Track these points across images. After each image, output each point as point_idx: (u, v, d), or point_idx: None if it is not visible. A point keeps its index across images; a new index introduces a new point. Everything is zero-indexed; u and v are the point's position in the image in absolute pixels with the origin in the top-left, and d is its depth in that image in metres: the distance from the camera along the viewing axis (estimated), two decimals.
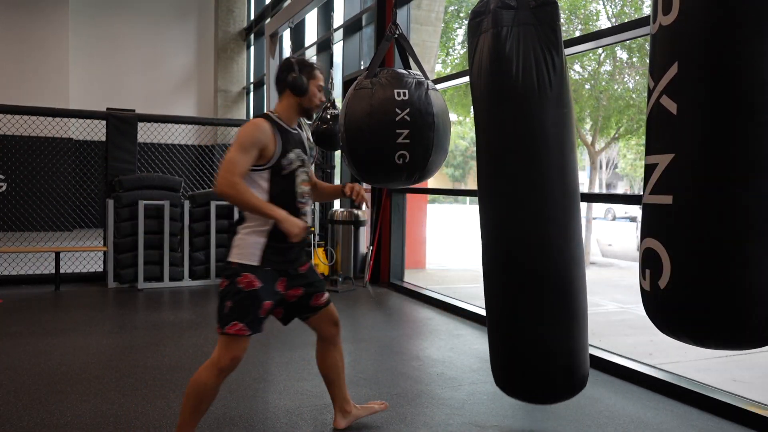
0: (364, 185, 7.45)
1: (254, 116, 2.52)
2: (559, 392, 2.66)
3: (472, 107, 2.75)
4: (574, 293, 2.55)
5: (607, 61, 11.67)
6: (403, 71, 3.14)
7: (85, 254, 7.02)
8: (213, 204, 6.62)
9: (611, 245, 13.62)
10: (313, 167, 2.66)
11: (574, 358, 2.59)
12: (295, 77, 2.52)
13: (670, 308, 1.67)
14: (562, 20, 2.51)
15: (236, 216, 2.62)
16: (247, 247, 2.41)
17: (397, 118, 2.94)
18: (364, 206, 2.71)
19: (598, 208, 22.01)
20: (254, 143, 2.37)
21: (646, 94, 1.83)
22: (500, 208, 2.59)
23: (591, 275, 10.40)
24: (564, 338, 2.55)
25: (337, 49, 8.25)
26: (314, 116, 2.62)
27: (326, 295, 2.69)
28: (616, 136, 12.60)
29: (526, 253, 2.53)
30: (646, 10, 10.62)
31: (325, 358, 2.74)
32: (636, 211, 16.44)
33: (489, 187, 2.63)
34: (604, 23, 11.26)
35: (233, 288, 2.37)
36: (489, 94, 2.53)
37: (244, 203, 2.33)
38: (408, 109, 2.99)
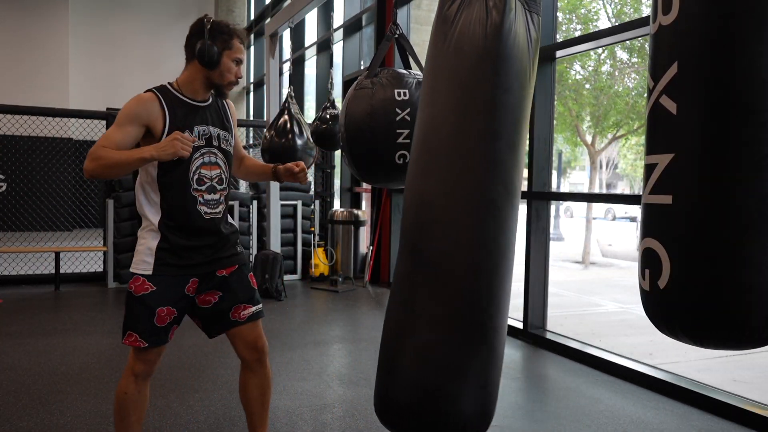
0: (364, 185, 7.45)
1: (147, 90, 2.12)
2: None
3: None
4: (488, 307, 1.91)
5: (607, 61, 11.67)
6: (404, 71, 3.14)
7: (85, 254, 7.02)
8: None
9: (611, 245, 13.62)
10: (228, 143, 2.24)
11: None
12: (204, 45, 2.06)
13: (670, 308, 1.67)
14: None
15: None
16: (140, 253, 2.14)
17: (398, 118, 2.94)
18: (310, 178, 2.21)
19: (598, 208, 22.01)
20: (132, 118, 2.01)
21: (645, 94, 1.84)
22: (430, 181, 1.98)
23: (591, 275, 10.40)
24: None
25: (337, 49, 8.25)
26: (226, 94, 2.23)
27: (252, 309, 2.24)
28: (616, 135, 12.60)
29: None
30: (646, 11, 10.63)
31: (242, 382, 2.35)
32: (636, 211, 16.45)
33: (419, 161, 2.04)
34: (603, 23, 11.26)
35: (128, 293, 2.15)
36: (429, 59, 2.09)
37: (109, 166, 1.95)
38: (408, 109, 2.99)
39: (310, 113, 10.40)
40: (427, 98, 2.06)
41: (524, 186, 3.54)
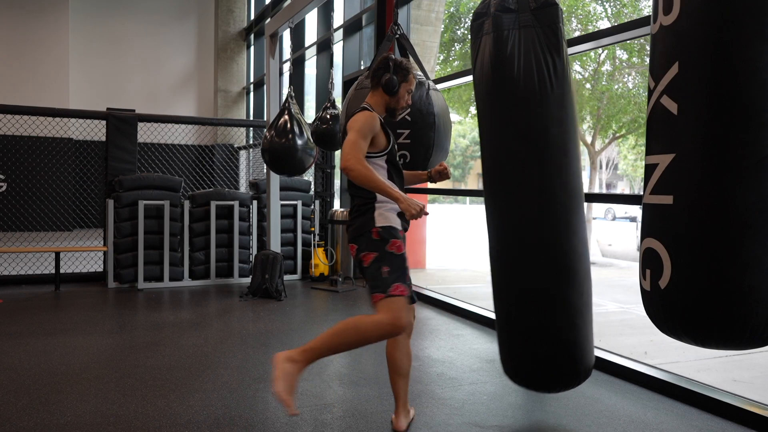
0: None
1: (360, 108, 2.64)
2: (564, 380, 2.75)
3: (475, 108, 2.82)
4: (578, 287, 2.65)
5: (607, 61, 11.67)
6: None
7: (85, 254, 7.02)
8: (213, 204, 6.63)
9: (611, 245, 13.62)
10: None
11: (578, 348, 2.69)
12: (389, 78, 2.62)
13: (671, 308, 1.68)
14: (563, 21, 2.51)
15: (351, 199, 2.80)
16: (389, 216, 2.55)
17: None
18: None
19: (598, 208, 22.01)
20: (370, 130, 2.50)
21: (646, 94, 1.83)
22: (505, 208, 2.66)
23: (591, 275, 10.40)
24: (570, 329, 2.66)
25: (337, 49, 8.26)
26: (396, 117, 2.77)
27: None
28: (616, 136, 12.60)
29: (531, 251, 2.61)
30: (645, 12, 10.62)
31: (399, 344, 2.75)
32: (636, 211, 16.45)
33: (494, 189, 2.69)
34: (603, 24, 11.25)
35: (385, 254, 2.49)
36: (490, 96, 2.58)
37: (371, 180, 2.41)
38: (408, 109, 2.99)
39: (310, 113, 10.40)
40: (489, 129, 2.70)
41: None
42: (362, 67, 7.90)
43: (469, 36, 2.69)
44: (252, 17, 13.57)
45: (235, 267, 6.75)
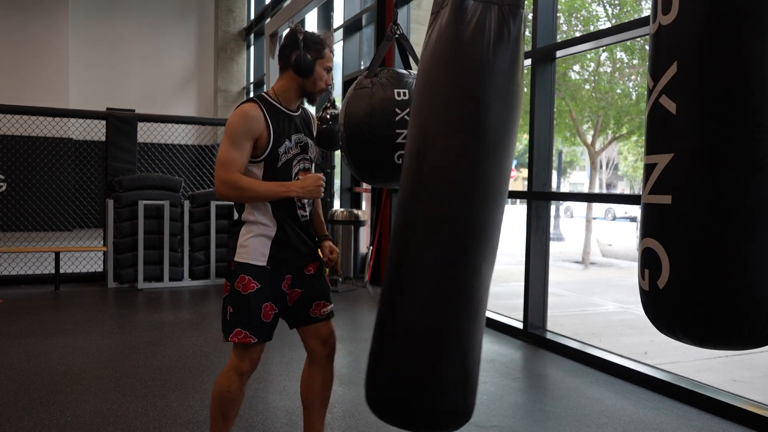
0: (364, 185, 7.45)
1: (244, 100, 2.23)
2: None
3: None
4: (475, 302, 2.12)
5: (607, 62, 11.67)
6: (404, 71, 3.14)
7: (85, 254, 7.02)
8: (213, 204, 6.62)
9: (611, 245, 13.62)
10: (314, 152, 2.36)
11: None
12: (299, 55, 2.19)
13: (670, 308, 1.67)
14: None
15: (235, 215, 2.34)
16: (247, 246, 2.18)
17: (397, 118, 2.94)
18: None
19: (598, 208, 22.01)
20: (245, 135, 2.11)
21: (645, 95, 1.83)
22: (412, 185, 2.09)
23: (591, 275, 10.41)
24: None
25: (337, 49, 8.26)
26: (317, 100, 2.34)
27: (330, 306, 2.35)
28: (616, 136, 12.60)
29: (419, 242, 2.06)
30: (644, 12, 10.62)
31: (306, 377, 2.39)
32: (636, 211, 16.45)
33: (412, 164, 2.11)
34: (603, 25, 11.26)
35: (232, 291, 2.18)
36: (433, 64, 2.12)
37: (248, 198, 2.12)
38: (408, 109, 2.99)
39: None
40: (422, 103, 2.12)
41: (524, 186, 3.58)
42: (362, 67, 7.90)
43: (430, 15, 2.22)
44: (252, 17, 13.57)
45: None
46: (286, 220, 2.21)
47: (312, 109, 2.51)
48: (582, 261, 11.69)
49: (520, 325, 4.61)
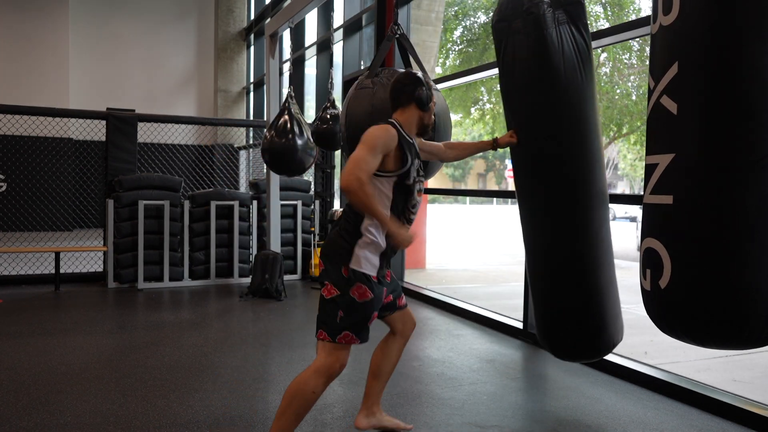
0: None
1: (380, 122, 2.49)
2: (590, 350, 2.86)
3: (503, 109, 2.85)
4: (604, 269, 2.75)
5: (607, 62, 11.67)
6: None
7: (85, 254, 7.02)
8: (213, 204, 6.63)
9: None
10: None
11: (603, 322, 2.77)
12: (423, 91, 2.52)
13: (671, 308, 1.68)
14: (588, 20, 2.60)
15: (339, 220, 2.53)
16: (366, 258, 2.38)
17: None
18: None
19: None
20: (383, 147, 2.34)
21: (645, 95, 1.84)
22: (543, 200, 2.74)
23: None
24: (598, 306, 2.75)
25: (337, 49, 8.25)
26: (429, 133, 2.65)
27: (405, 298, 2.79)
28: (615, 136, 12.61)
29: (566, 237, 2.72)
30: (644, 13, 10.61)
31: (390, 352, 2.74)
32: (636, 211, 16.45)
33: (533, 178, 2.77)
34: (602, 25, 11.25)
35: (346, 297, 2.36)
36: (529, 88, 2.61)
37: (366, 205, 2.27)
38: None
39: (310, 113, 10.40)
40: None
41: None
42: (362, 67, 7.90)
43: (493, 37, 2.70)
44: (252, 17, 13.57)
45: (235, 267, 6.75)
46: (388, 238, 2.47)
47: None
48: None
49: (520, 325, 4.60)
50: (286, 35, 6.22)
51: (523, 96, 2.66)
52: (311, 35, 9.94)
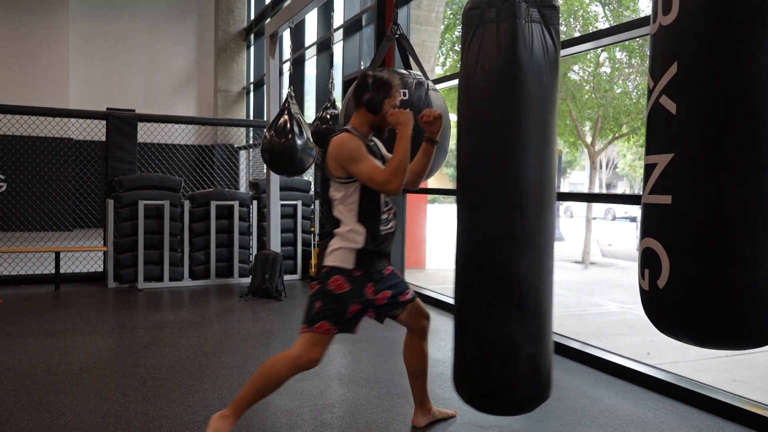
0: None
1: (337, 133, 2.56)
2: (521, 396, 2.40)
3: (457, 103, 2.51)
4: (541, 293, 2.35)
5: (606, 62, 11.67)
6: (404, 71, 3.14)
7: (85, 254, 7.02)
8: (213, 204, 6.63)
9: (611, 245, 13.62)
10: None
11: (536, 359, 2.37)
12: (370, 97, 2.52)
13: (669, 308, 1.68)
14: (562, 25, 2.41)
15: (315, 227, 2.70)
16: (343, 254, 2.49)
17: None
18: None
19: (598, 208, 22.00)
20: (363, 148, 2.46)
21: (644, 95, 1.83)
22: (481, 207, 2.35)
23: (591, 275, 10.41)
24: (529, 340, 2.34)
25: (337, 49, 8.25)
26: (386, 134, 2.63)
27: (411, 291, 2.75)
28: (616, 136, 12.60)
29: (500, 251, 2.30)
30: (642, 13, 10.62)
31: (414, 350, 2.78)
32: (636, 211, 16.45)
33: (474, 183, 2.38)
34: (602, 25, 11.26)
35: (324, 289, 2.48)
36: (495, 87, 2.31)
37: (405, 169, 2.41)
38: (408, 109, 2.98)
39: (310, 113, 10.40)
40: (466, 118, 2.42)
41: None
42: (362, 67, 7.90)
43: (462, 25, 2.42)
44: (252, 17, 13.57)
45: (235, 267, 6.75)
46: (372, 237, 2.52)
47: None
48: (582, 261, 11.69)
49: None
50: (286, 35, 6.22)
51: (484, 88, 2.35)
52: (311, 35, 9.94)
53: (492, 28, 2.29)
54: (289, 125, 5.33)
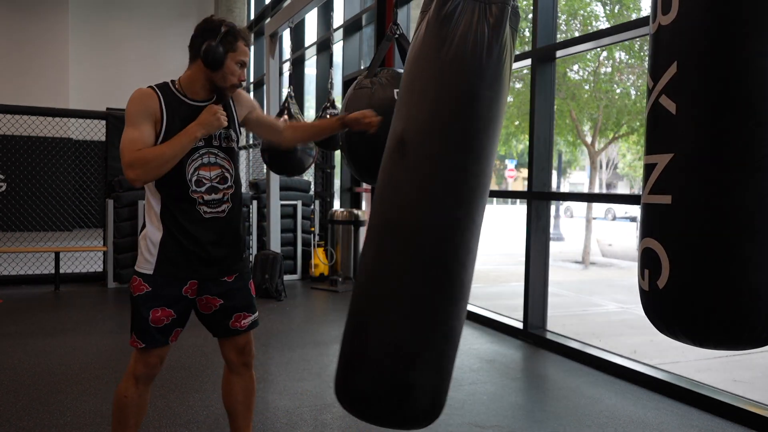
0: (364, 185, 7.45)
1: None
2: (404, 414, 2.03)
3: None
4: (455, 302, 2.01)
5: (606, 62, 11.67)
6: (403, 71, 3.13)
7: (85, 254, 7.02)
8: None
9: (611, 245, 13.62)
10: (230, 142, 2.18)
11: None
12: (210, 46, 2.02)
13: (669, 308, 1.67)
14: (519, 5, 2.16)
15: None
16: (142, 252, 2.11)
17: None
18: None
19: (598, 208, 22.01)
20: (143, 114, 1.99)
21: (644, 95, 1.83)
22: (401, 190, 2.02)
23: (591, 275, 10.41)
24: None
25: (337, 49, 8.25)
26: (228, 96, 2.17)
27: (251, 318, 2.24)
28: (616, 135, 12.60)
29: (422, 244, 1.97)
30: (643, 13, 10.62)
31: (227, 388, 2.32)
32: (636, 211, 16.45)
33: (391, 165, 2.10)
34: (602, 25, 11.26)
35: (129, 295, 2.16)
36: (415, 63, 2.08)
37: (160, 165, 1.94)
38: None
39: (310, 113, 10.40)
40: (408, 96, 2.07)
41: (524, 186, 3.58)
42: (362, 67, 7.90)
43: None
44: (252, 17, 13.56)
45: None
46: (179, 221, 2.06)
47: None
48: (582, 261, 11.69)
49: (520, 325, 4.60)
50: (286, 35, 6.22)
51: (408, 68, 2.11)
52: (311, 35, 9.94)
53: (430, 11, 2.09)
54: None
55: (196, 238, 2.08)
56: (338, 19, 8.33)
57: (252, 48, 13.60)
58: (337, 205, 8.04)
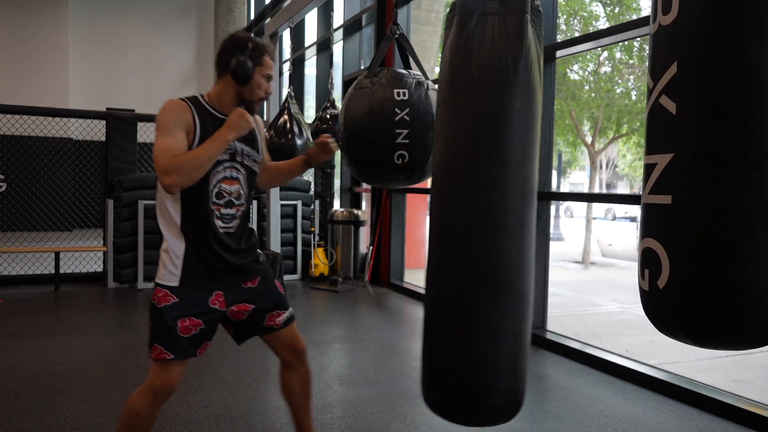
0: (364, 185, 7.45)
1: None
2: (496, 407, 2.22)
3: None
4: (524, 296, 2.22)
5: (607, 62, 11.68)
6: (403, 71, 3.13)
7: (85, 254, 7.01)
8: None
9: (611, 245, 13.62)
10: (254, 158, 2.26)
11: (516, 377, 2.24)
12: (240, 61, 2.08)
13: (669, 308, 1.67)
14: (539, 11, 2.22)
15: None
16: (165, 264, 2.09)
17: (397, 118, 2.94)
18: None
19: (598, 208, 22.01)
20: (177, 123, 2.02)
21: (644, 95, 1.83)
22: (452, 205, 2.16)
23: (591, 275, 10.41)
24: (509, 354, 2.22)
25: (337, 49, 8.26)
26: (255, 110, 2.23)
27: (285, 314, 2.29)
28: (616, 136, 12.60)
29: (477, 255, 2.11)
30: (643, 13, 10.62)
31: (285, 383, 2.38)
32: (636, 211, 16.45)
33: (441, 184, 2.22)
34: (602, 25, 11.26)
35: (151, 305, 2.09)
36: (449, 83, 2.17)
37: (195, 169, 1.97)
38: (407, 109, 2.98)
39: (310, 113, 10.40)
40: (445, 116, 2.18)
41: None
42: (362, 67, 7.91)
43: (454, 15, 2.21)
44: (252, 17, 13.57)
45: None
46: (199, 232, 2.08)
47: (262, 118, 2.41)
48: (582, 261, 11.69)
49: None
50: (286, 35, 6.22)
51: (441, 92, 2.18)
52: (311, 35, 9.94)
53: (496, 21, 2.17)
54: (288, 125, 5.33)
55: (213, 250, 2.11)
56: (338, 19, 8.33)
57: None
58: (337, 205, 8.04)
